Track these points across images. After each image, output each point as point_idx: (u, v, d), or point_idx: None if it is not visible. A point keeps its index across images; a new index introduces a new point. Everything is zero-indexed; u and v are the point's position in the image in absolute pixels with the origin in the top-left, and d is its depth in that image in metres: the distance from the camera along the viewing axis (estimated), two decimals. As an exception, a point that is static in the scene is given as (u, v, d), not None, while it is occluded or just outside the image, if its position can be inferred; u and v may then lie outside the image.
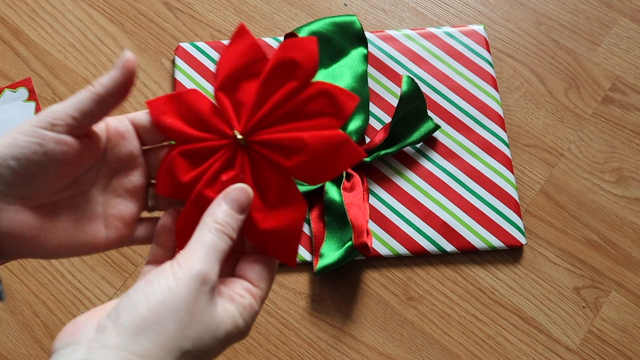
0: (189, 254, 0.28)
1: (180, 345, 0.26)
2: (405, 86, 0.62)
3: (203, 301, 0.27)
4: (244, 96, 0.32)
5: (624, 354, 0.58)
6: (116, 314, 0.27)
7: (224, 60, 0.32)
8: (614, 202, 0.64)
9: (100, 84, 0.30)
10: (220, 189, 0.31)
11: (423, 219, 0.62)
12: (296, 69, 0.30)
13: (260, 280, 0.31)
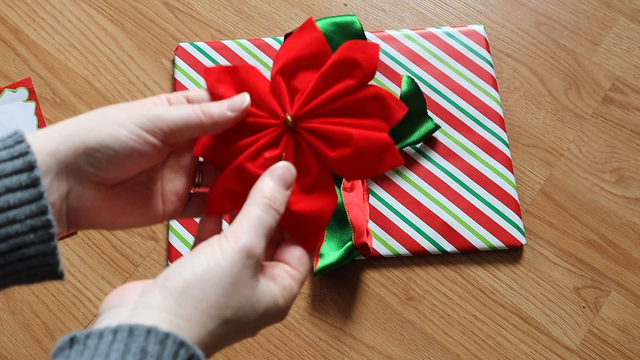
0: (236, 228, 0.30)
1: (221, 313, 0.28)
2: (405, 86, 0.62)
3: (247, 274, 0.29)
4: (301, 84, 0.33)
5: (624, 354, 0.58)
6: (162, 278, 0.28)
7: (287, 47, 0.34)
8: (614, 202, 0.64)
9: (212, 118, 0.32)
10: (262, 165, 0.32)
11: (423, 219, 0.62)
12: (356, 69, 0.32)
13: (299, 264, 0.32)
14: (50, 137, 0.30)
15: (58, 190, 0.30)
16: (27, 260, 0.29)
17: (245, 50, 0.70)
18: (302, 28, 0.34)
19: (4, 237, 0.28)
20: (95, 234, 0.63)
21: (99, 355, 0.24)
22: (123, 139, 0.30)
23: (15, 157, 0.28)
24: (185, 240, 0.62)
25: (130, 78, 0.70)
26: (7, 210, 0.28)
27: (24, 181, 0.28)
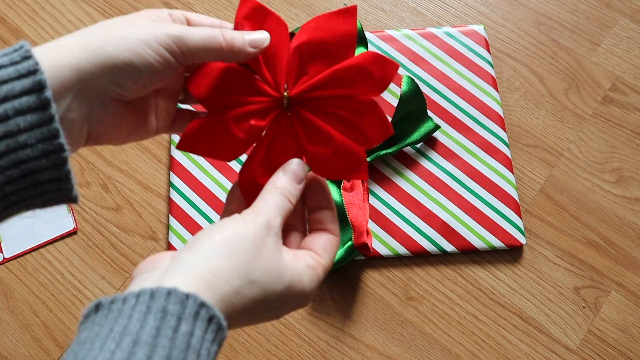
0: (255, 207, 0.32)
1: (248, 273, 0.29)
2: (405, 86, 0.62)
3: (269, 242, 0.30)
4: (312, 69, 0.34)
5: (624, 354, 0.58)
6: (191, 241, 0.30)
7: (319, 24, 0.34)
8: (614, 202, 0.64)
9: (232, 47, 0.32)
10: (245, 130, 0.34)
11: (423, 219, 0.62)
12: (368, 81, 0.33)
13: (323, 252, 0.34)
14: (71, 51, 0.29)
15: (80, 108, 0.29)
16: (40, 185, 0.28)
17: (245, 50, 0.70)
18: (343, 12, 0.34)
19: (16, 163, 0.27)
20: (95, 234, 0.63)
21: (122, 317, 0.25)
22: (149, 59, 0.30)
23: (24, 75, 0.27)
24: (185, 240, 0.62)
25: (130, 78, 0.70)
26: (17, 135, 0.26)
27: (33, 103, 0.26)
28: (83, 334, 0.25)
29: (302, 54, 0.34)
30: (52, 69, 0.28)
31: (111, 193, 0.65)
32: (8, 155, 0.26)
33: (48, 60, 0.28)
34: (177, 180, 0.64)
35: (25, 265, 0.62)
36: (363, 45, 0.67)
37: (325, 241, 0.34)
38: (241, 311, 0.29)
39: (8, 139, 0.26)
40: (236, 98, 0.34)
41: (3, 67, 0.26)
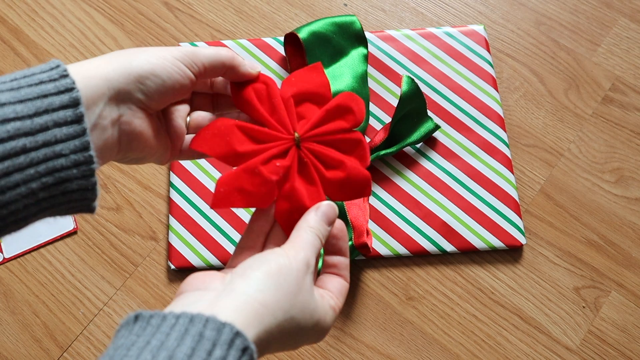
0: (294, 244, 0.34)
1: (290, 309, 0.31)
2: (405, 86, 0.62)
3: (307, 281, 0.33)
4: (305, 113, 0.40)
5: (624, 354, 0.58)
6: (242, 269, 0.32)
7: (300, 78, 0.41)
8: (614, 202, 0.64)
9: (234, 59, 0.37)
10: (273, 171, 0.37)
11: (423, 219, 0.62)
12: (349, 115, 0.40)
13: (340, 296, 0.36)
14: (99, 65, 0.32)
15: (110, 114, 0.32)
16: (68, 194, 0.30)
17: (245, 50, 0.70)
18: (313, 68, 0.41)
19: (50, 171, 0.29)
20: (95, 234, 0.63)
21: (160, 332, 0.27)
22: (169, 69, 0.34)
23: (62, 91, 0.29)
24: (185, 240, 0.62)
25: (130, 78, 0.70)
26: (54, 145, 0.28)
27: (69, 116, 0.29)
28: (119, 341, 0.27)
29: (296, 102, 0.40)
30: (84, 79, 0.31)
31: (111, 193, 0.65)
32: (45, 163, 0.28)
33: (81, 73, 0.31)
34: (177, 180, 0.64)
35: (25, 265, 0.62)
36: (363, 46, 0.67)
37: (341, 286, 0.37)
38: (275, 342, 0.31)
39: (46, 148, 0.28)
40: (255, 147, 0.38)
41: (43, 83, 0.29)
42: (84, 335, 0.60)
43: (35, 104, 0.28)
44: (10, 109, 0.27)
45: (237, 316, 0.29)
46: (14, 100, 0.28)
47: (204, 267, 0.61)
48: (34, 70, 0.30)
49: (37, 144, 0.28)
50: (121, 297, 0.61)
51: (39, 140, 0.28)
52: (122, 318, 0.60)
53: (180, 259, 0.61)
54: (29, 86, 0.29)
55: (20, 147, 0.27)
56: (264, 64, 0.69)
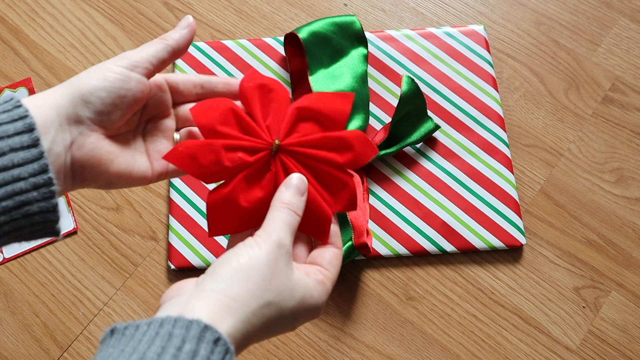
0: (265, 228, 0.34)
1: (264, 295, 0.32)
2: (405, 86, 0.62)
3: (282, 262, 0.33)
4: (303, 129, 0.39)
5: (624, 354, 0.58)
6: (212, 269, 0.33)
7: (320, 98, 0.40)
8: (614, 202, 0.64)
9: (173, 38, 0.37)
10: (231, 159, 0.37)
11: (423, 219, 0.62)
12: (348, 152, 0.38)
13: (330, 266, 0.36)
14: (52, 92, 0.33)
15: (63, 141, 0.32)
16: (30, 217, 0.30)
17: (245, 50, 0.70)
18: (344, 95, 0.39)
19: (10, 195, 0.29)
20: (95, 234, 0.63)
21: (134, 340, 0.28)
22: (109, 77, 0.34)
23: (16, 119, 0.30)
24: (185, 240, 0.62)
25: (130, 78, 0.70)
26: (11, 169, 0.29)
27: (25, 141, 0.30)
28: (98, 356, 0.28)
29: (299, 115, 0.39)
30: (35, 109, 0.32)
31: (111, 193, 0.65)
32: (4, 187, 0.29)
33: (33, 103, 0.32)
34: (177, 180, 0.64)
35: (25, 265, 0.62)
36: (363, 45, 0.67)
37: (331, 255, 0.37)
38: (259, 329, 0.32)
39: (4, 172, 0.29)
40: (233, 132, 0.38)
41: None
42: (84, 335, 0.60)
43: None
44: None
45: (206, 312, 0.30)
46: None
47: (204, 267, 0.61)
48: None
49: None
50: (121, 297, 0.61)
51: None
52: (122, 318, 0.60)
53: (180, 259, 0.61)
54: None
55: None
56: (264, 64, 0.69)
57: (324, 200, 0.38)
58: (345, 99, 0.39)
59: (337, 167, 0.38)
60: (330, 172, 0.38)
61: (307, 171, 0.38)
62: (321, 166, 0.38)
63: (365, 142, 0.38)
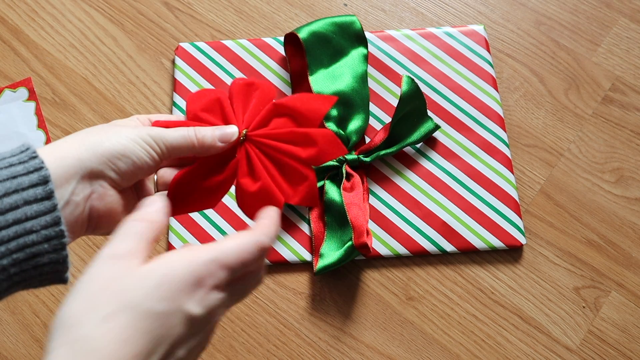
0: None
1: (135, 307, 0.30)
2: (405, 86, 0.62)
3: (116, 269, 0.31)
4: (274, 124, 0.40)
5: (624, 354, 0.58)
6: None
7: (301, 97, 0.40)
8: (614, 202, 0.64)
9: (204, 145, 0.37)
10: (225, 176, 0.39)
11: (423, 219, 0.62)
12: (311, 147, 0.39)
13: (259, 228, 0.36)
14: (71, 145, 0.34)
15: (83, 191, 0.33)
16: (40, 267, 0.31)
17: (245, 50, 0.70)
18: (325, 97, 0.40)
19: (22, 247, 0.30)
20: (95, 234, 0.63)
21: None
22: (138, 152, 0.35)
23: (31, 171, 0.31)
24: (185, 240, 0.62)
25: (130, 78, 0.70)
26: (24, 222, 0.30)
27: (39, 194, 0.31)
28: None
29: (275, 110, 0.40)
30: (57, 159, 0.32)
31: (111, 193, 0.65)
32: (16, 240, 0.30)
33: (54, 154, 0.33)
34: (177, 180, 0.64)
35: (25, 265, 0.62)
36: (363, 45, 0.67)
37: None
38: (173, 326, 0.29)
39: (17, 225, 0.30)
40: (211, 120, 0.40)
41: (13, 165, 0.31)
42: (84, 335, 0.60)
43: (5, 185, 0.30)
44: None
45: None
46: None
47: (204, 267, 0.61)
48: (4, 154, 0.32)
49: (8, 223, 0.29)
50: (121, 297, 0.61)
51: (9, 219, 0.29)
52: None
53: (180, 259, 0.61)
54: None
55: None
56: (264, 64, 0.69)
57: (281, 191, 0.39)
58: (325, 101, 0.40)
59: (300, 161, 0.39)
60: (292, 164, 0.39)
61: (269, 161, 0.39)
62: (284, 158, 0.39)
63: (331, 141, 0.39)
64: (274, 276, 0.61)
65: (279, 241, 0.61)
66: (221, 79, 0.68)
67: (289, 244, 0.61)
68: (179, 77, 0.69)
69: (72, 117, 0.68)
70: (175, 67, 0.69)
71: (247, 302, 0.60)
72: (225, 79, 0.68)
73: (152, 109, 0.68)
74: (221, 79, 0.68)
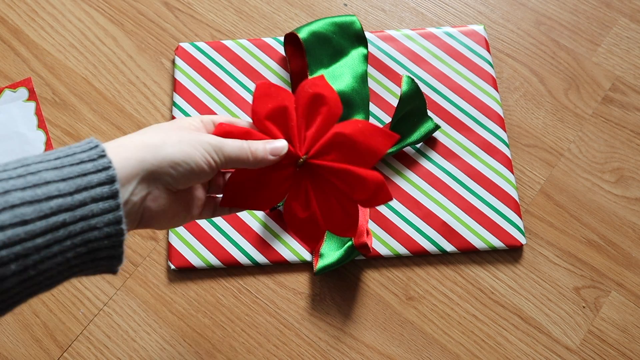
0: None
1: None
2: (405, 86, 0.62)
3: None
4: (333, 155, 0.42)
5: (624, 354, 0.58)
6: None
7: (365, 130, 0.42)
8: (614, 202, 0.64)
9: (256, 159, 0.40)
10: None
11: (423, 219, 0.62)
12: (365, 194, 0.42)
13: None
14: (135, 147, 0.36)
15: (141, 192, 0.36)
16: (97, 261, 0.33)
17: (245, 50, 0.70)
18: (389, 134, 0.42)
19: (85, 242, 0.32)
20: (95, 234, 0.63)
21: None
22: (198, 160, 0.37)
23: (100, 170, 0.33)
24: (185, 240, 0.62)
25: (130, 78, 0.70)
26: (90, 218, 0.32)
27: (105, 193, 0.32)
28: None
29: (336, 139, 0.42)
30: (121, 160, 0.34)
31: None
32: (81, 235, 0.32)
33: (118, 154, 0.35)
34: (177, 180, 0.64)
35: (25, 265, 0.62)
36: (363, 45, 0.67)
37: None
38: None
39: (83, 222, 0.31)
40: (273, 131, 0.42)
41: (84, 162, 0.33)
42: (84, 335, 0.60)
43: (76, 182, 0.32)
44: (54, 187, 0.31)
45: None
46: (57, 179, 0.31)
47: (204, 267, 0.61)
48: (75, 149, 0.34)
49: (76, 218, 0.31)
50: (121, 297, 0.61)
51: (77, 214, 0.31)
52: (122, 318, 0.60)
53: (180, 259, 0.61)
54: (71, 165, 0.32)
55: (60, 221, 0.31)
56: (264, 64, 0.69)
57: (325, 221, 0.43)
58: (387, 139, 0.42)
59: (350, 200, 0.42)
60: (343, 201, 0.42)
61: (322, 194, 0.42)
62: (335, 192, 0.42)
63: (382, 188, 0.42)
64: (274, 276, 0.61)
65: (279, 241, 0.61)
66: (221, 79, 0.68)
67: (289, 244, 0.61)
68: (179, 77, 0.69)
69: (72, 117, 0.68)
70: (175, 67, 0.69)
71: (247, 302, 0.60)
72: (226, 79, 0.68)
73: (152, 109, 0.69)
74: (221, 79, 0.68)
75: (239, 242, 0.61)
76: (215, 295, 0.61)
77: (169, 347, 0.59)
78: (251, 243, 0.61)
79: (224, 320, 0.60)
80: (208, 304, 0.60)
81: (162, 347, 0.59)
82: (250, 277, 0.61)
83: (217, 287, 0.61)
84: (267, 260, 0.61)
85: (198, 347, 0.59)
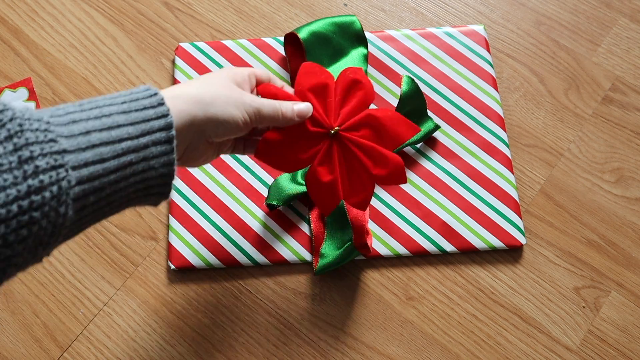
0: None
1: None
2: (405, 86, 0.62)
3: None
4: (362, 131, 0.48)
5: (624, 354, 0.58)
6: None
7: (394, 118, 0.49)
8: (614, 202, 0.64)
9: (285, 119, 0.46)
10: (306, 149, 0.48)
11: (423, 219, 0.62)
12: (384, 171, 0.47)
13: None
14: (188, 102, 0.40)
15: (185, 141, 0.41)
16: (149, 196, 0.38)
17: (245, 50, 0.70)
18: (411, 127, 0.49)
19: (143, 179, 0.36)
20: (95, 234, 0.63)
21: None
22: (238, 120, 0.43)
23: (159, 117, 0.37)
24: (185, 240, 0.62)
25: (130, 78, 0.70)
26: (149, 160, 0.36)
27: (163, 138, 0.37)
28: None
29: (367, 119, 0.48)
30: (176, 112, 0.39)
31: (111, 193, 0.65)
32: (142, 174, 0.36)
33: (174, 106, 0.39)
34: (178, 180, 0.64)
35: (25, 265, 0.62)
36: (363, 45, 0.67)
37: None
38: None
39: (144, 162, 0.36)
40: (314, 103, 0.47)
41: (146, 109, 0.37)
42: (84, 335, 0.60)
43: (141, 127, 0.36)
44: (125, 130, 0.35)
45: None
46: (126, 123, 0.35)
47: (204, 267, 0.61)
48: (137, 95, 0.37)
49: (139, 159, 0.35)
50: (121, 297, 0.61)
51: (140, 155, 0.35)
52: (122, 318, 0.60)
53: (180, 259, 0.61)
54: (136, 110, 0.36)
55: (128, 161, 0.35)
56: (264, 64, 0.69)
57: (343, 189, 0.48)
58: (411, 130, 0.48)
59: (369, 174, 0.47)
60: (362, 174, 0.48)
61: (346, 163, 0.47)
62: (358, 166, 0.47)
63: (400, 170, 0.47)
64: (274, 276, 0.61)
65: (279, 241, 0.61)
66: (221, 79, 0.68)
67: (289, 244, 0.61)
68: (179, 77, 0.69)
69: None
70: (175, 67, 0.69)
71: (247, 302, 0.60)
72: (225, 79, 0.68)
73: (152, 109, 0.68)
74: (221, 79, 0.68)
75: (239, 242, 0.61)
76: (215, 295, 0.61)
77: (169, 347, 0.59)
78: (251, 243, 0.61)
79: (224, 320, 0.60)
80: (208, 304, 0.60)
81: (162, 347, 0.59)
82: (250, 277, 0.61)
83: (217, 287, 0.61)
84: (267, 260, 0.61)
85: (198, 347, 0.59)
